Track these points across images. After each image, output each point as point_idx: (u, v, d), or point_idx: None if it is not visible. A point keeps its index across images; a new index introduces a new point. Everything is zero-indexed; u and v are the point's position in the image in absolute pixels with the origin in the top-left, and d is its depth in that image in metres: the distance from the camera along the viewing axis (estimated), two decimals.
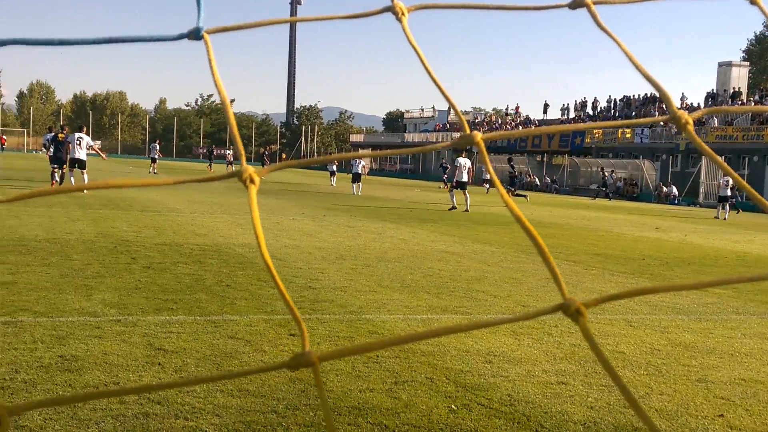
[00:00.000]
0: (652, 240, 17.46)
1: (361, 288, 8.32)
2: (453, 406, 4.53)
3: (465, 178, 23.89)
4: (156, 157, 42.01)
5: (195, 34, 0.72)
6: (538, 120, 76.21)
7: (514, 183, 31.02)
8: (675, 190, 49.32)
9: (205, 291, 7.59)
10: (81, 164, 22.41)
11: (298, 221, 16.29)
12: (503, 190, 0.77)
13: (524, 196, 32.82)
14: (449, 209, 23.55)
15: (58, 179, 22.42)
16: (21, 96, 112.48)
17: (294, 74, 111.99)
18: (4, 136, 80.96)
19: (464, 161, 24.13)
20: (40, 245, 9.94)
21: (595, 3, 0.74)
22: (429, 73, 0.76)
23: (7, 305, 6.39)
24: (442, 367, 5.32)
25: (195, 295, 7.36)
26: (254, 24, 0.76)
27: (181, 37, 0.72)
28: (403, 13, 0.74)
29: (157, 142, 46.01)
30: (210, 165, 51.10)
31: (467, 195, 23.58)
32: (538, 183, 60.30)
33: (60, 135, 22.29)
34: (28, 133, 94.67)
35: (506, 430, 4.21)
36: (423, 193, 36.02)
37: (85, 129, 23.82)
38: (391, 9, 0.74)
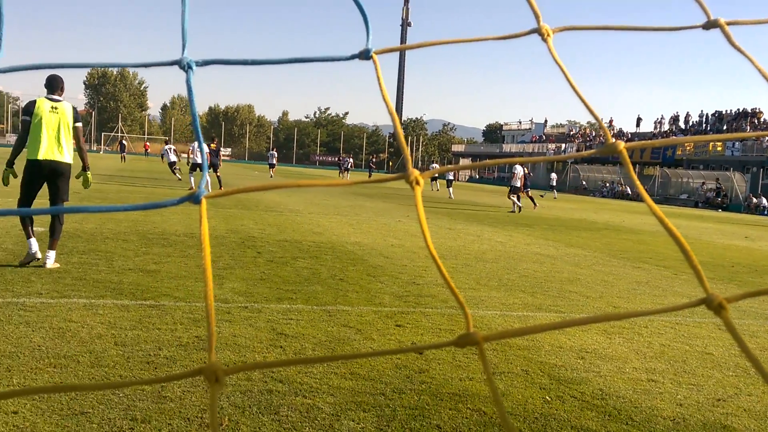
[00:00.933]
0: (741, 248, 16.59)
1: (461, 285, 8.28)
2: (547, 397, 4.45)
3: (518, 184, 24.73)
4: (273, 163, 43.48)
5: (365, 55, 0.74)
6: (630, 133, 73.72)
7: (526, 186, 30.69)
8: (765, 201, 46.69)
9: (321, 283, 7.74)
10: (201, 167, 23.57)
11: (403, 223, 16.37)
12: (649, 200, 0.75)
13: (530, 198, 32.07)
14: (509, 212, 24.01)
15: (210, 182, 23.83)
16: (164, 108, 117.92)
17: (402, 89, 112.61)
18: (148, 143, 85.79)
19: (520, 169, 24.95)
20: (179, 239, 10.39)
21: (728, 24, 0.72)
22: (573, 87, 0.76)
23: (152, 291, 6.72)
24: (537, 361, 5.23)
25: (312, 287, 7.52)
26: (416, 45, 0.78)
27: (353, 57, 0.75)
28: (548, 35, 0.75)
29: (274, 150, 47.67)
30: (346, 173, 51.38)
31: (517, 198, 24.65)
32: (630, 192, 58.32)
33: (212, 145, 23.65)
34: (169, 141, 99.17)
35: (598, 422, 4.10)
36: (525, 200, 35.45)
37: (216, 140, 24.91)
38: (537, 30, 0.75)
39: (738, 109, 60.82)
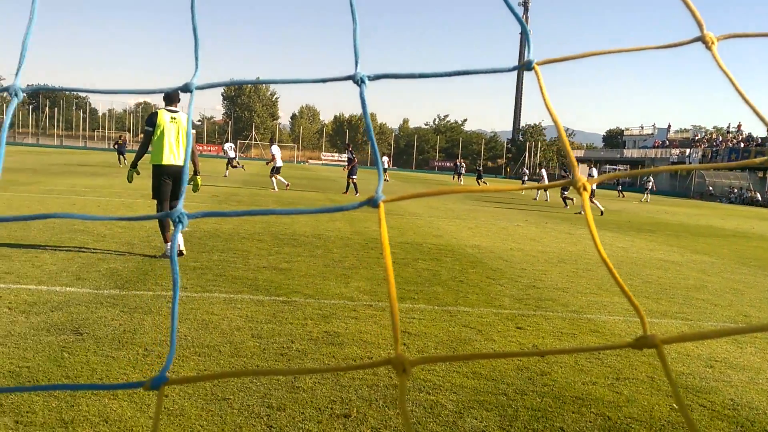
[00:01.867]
0: None
1: (582, 290, 8.04)
2: (674, 405, 4.23)
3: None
4: (386, 167, 44.63)
5: (527, 66, 0.74)
6: (761, 138, 68.95)
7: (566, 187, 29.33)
8: None
9: (441, 285, 7.74)
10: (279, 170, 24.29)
11: (522, 227, 16.09)
12: None
13: (570, 199, 30.57)
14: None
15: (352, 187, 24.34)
16: (293, 117, 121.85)
17: (521, 95, 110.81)
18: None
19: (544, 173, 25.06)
20: (308, 240, 10.70)
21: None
22: (741, 94, 0.72)
23: (284, 287, 6.96)
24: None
25: (433, 287, 7.53)
26: (580, 56, 0.77)
27: (515, 68, 0.75)
28: (713, 42, 0.72)
29: (386, 155, 48.84)
30: (458, 177, 51.25)
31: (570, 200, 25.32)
32: (759, 198, 54.57)
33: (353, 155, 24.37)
34: (298, 148, 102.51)
35: None
36: (641, 205, 34.02)
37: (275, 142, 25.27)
38: (701, 39, 0.72)
39: None
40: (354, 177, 24.00)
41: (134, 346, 4.66)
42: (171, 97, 8.34)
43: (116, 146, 40.00)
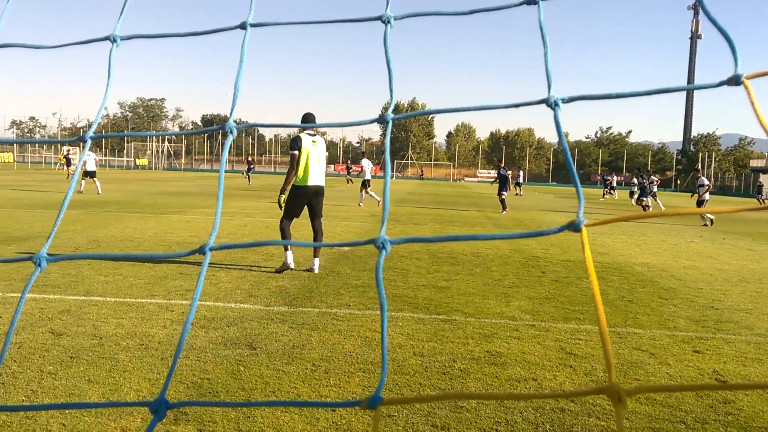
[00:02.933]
0: None
1: None
2: None
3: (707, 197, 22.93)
4: (519, 182, 44.36)
5: (735, 80, 0.71)
6: None
7: (645, 194, 26.71)
8: None
9: (608, 304, 7.42)
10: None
11: (696, 243, 15.07)
12: None
13: (648, 207, 27.53)
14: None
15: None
16: (449, 135, 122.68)
17: (691, 104, 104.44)
18: (423, 169, 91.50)
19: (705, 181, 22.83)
20: (466, 258, 10.69)
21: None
22: None
23: (444, 306, 6.99)
24: None
25: None
26: None
27: (721, 83, 0.72)
28: None
29: (519, 168, 48.64)
30: (610, 191, 49.44)
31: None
32: None
33: (505, 169, 24.15)
34: (454, 165, 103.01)
35: None
36: None
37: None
38: None
39: None
40: (504, 194, 23.65)
41: (303, 361, 4.88)
42: (310, 121, 8.76)
43: (248, 164, 42.99)
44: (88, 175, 26.59)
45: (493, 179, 44.95)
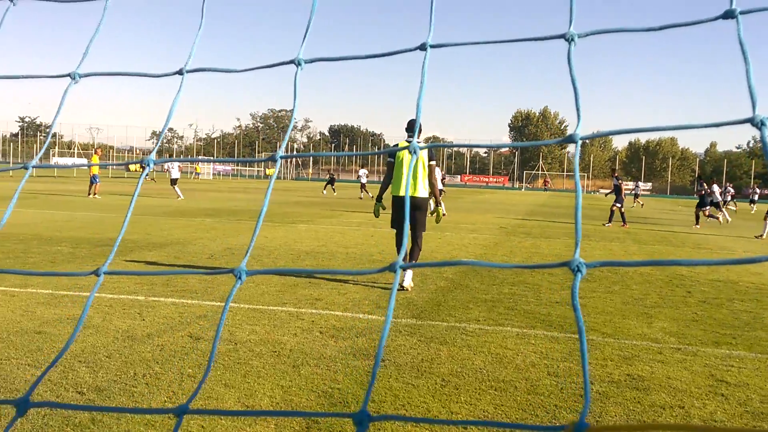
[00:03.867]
0: None
1: None
2: None
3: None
4: (637, 193, 42.69)
5: None
6: None
7: (704, 203, 24.33)
8: None
9: (765, 329, 6.94)
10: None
11: None
12: None
13: (716, 217, 24.80)
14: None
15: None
16: (583, 145, 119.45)
17: None
18: (548, 179, 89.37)
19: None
20: (602, 274, 10.35)
21: None
22: None
23: None
24: None
25: (754, 332, 6.79)
26: None
27: None
28: None
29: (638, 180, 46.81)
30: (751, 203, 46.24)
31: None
32: None
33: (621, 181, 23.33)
34: (588, 177, 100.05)
35: None
36: None
37: None
38: None
39: None
40: (618, 205, 22.54)
41: (432, 376, 4.90)
42: (413, 127, 8.60)
43: (329, 176, 43.23)
44: (173, 183, 28.87)
45: (629, 191, 43.49)
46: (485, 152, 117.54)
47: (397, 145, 8.76)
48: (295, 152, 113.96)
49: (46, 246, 11.08)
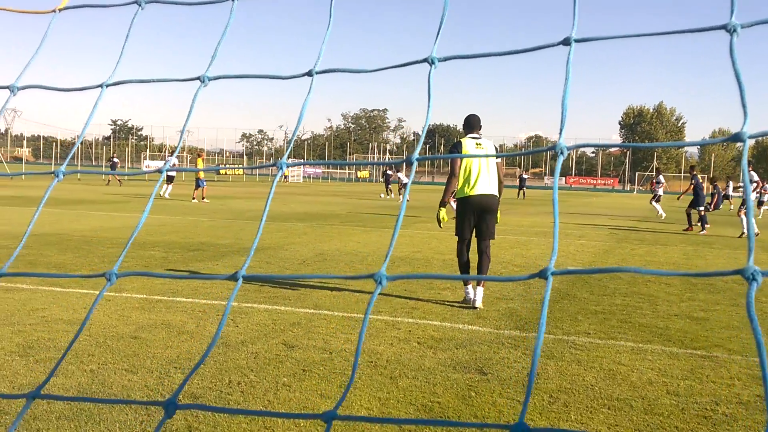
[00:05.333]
0: None
1: None
2: None
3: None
4: (728, 195, 40.62)
5: None
6: None
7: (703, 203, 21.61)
8: None
9: None
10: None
11: None
12: None
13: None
14: None
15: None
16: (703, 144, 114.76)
17: None
18: (656, 181, 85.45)
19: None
20: (727, 285, 9.92)
21: None
22: None
23: (702, 340, 6.55)
24: None
25: None
26: None
27: None
28: None
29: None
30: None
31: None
32: None
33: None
34: (707, 178, 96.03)
35: None
36: None
37: None
38: None
39: None
40: (699, 208, 20.72)
41: (539, 392, 4.84)
42: (472, 124, 8.18)
43: (384, 176, 42.45)
44: (169, 180, 29.45)
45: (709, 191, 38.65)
46: (593, 152, 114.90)
47: (460, 143, 8.04)
48: (388, 153, 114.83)
49: (140, 250, 11.61)
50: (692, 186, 21.47)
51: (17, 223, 15.62)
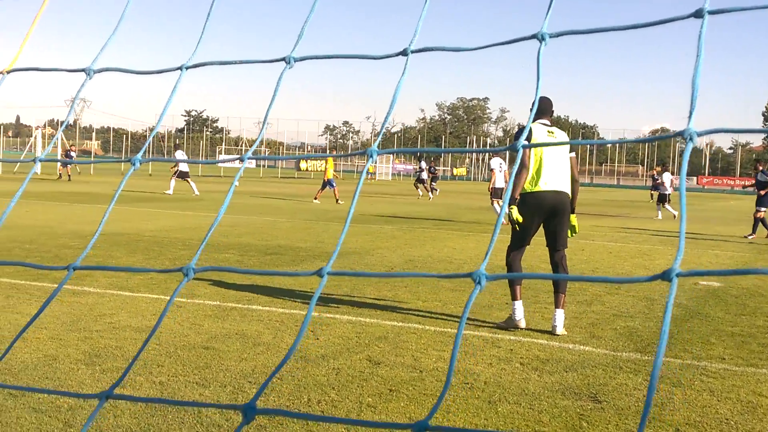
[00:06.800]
0: None
1: None
2: None
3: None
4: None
5: None
6: None
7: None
8: None
9: None
10: None
11: None
12: None
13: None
14: None
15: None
16: None
17: None
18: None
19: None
20: None
21: None
22: None
23: None
24: None
25: None
26: None
27: None
28: None
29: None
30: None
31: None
32: None
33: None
34: None
35: None
36: None
37: None
38: None
39: None
40: (764, 209, 19.11)
41: (663, 425, 4.70)
42: (543, 108, 7.74)
43: (418, 172, 37.56)
44: (182, 176, 29.55)
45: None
46: (730, 148, 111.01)
47: (529, 129, 7.26)
48: (488, 147, 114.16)
49: (213, 253, 11.93)
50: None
51: (85, 222, 16.32)
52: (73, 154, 48.73)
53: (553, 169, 7.35)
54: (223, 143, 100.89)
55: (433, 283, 9.43)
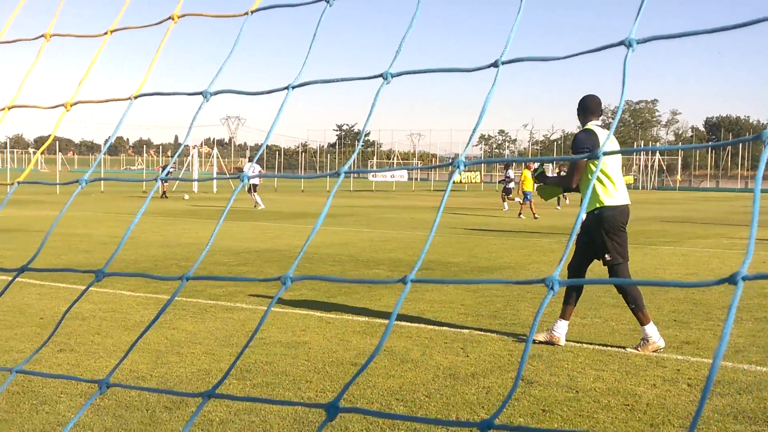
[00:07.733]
0: None
1: None
2: None
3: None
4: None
5: None
6: None
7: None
8: None
9: None
10: None
11: None
12: None
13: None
14: None
15: None
16: None
17: None
18: None
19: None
20: None
21: None
22: None
23: None
24: None
25: None
26: None
27: None
28: None
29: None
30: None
31: None
32: None
33: None
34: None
35: None
36: None
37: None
38: None
39: None
40: None
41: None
42: (592, 108, 7.17)
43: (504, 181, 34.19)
44: (252, 190, 29.85)
45: None
46: None
47: (593, 133, 6.98)
48: (658, 155, 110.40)
49: (363, 269, 12.19)
50: None
51: (239, 239, 17.02)
52: (171, 170, 50.61)
53: (621, 179, 7.19)
54: (375, 156, 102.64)
55: (594, 299, 9.25)
